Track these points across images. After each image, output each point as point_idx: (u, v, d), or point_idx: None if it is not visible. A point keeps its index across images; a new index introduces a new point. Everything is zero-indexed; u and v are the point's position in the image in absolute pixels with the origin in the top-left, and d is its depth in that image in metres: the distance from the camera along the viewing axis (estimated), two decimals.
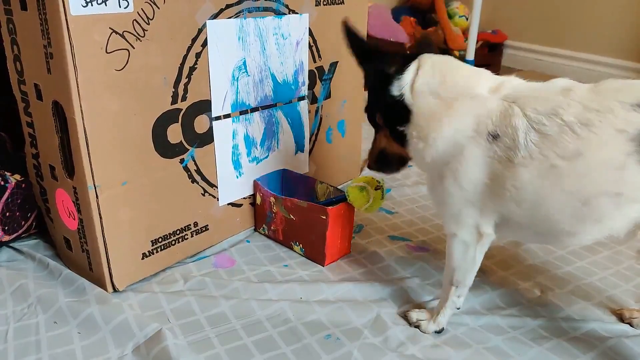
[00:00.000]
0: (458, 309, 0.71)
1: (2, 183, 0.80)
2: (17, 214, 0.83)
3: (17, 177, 0.82)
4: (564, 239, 0.61)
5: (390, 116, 0.66)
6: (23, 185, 0.82)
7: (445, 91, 0.61)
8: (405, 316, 0.72)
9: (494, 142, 0.58)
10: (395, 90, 0.63)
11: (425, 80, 0.62)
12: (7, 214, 0.81)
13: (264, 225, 0.93)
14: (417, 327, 0.70)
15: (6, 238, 0.83)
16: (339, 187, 0.91)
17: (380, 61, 0.64)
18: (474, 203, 0.61)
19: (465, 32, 2.20)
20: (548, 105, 0.56)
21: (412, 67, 0.63)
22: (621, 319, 0.74)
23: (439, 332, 0.69)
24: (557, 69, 2.23)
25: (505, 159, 0.57)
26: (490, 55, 2.40)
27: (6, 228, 0.82)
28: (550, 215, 0.58)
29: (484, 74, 0.63)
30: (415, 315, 0.71)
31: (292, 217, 0.86)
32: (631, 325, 0.72)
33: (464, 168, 0.60)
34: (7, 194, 0.80)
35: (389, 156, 0.70)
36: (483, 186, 0.59)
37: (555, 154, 0.55)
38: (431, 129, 0.61)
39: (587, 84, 0.58)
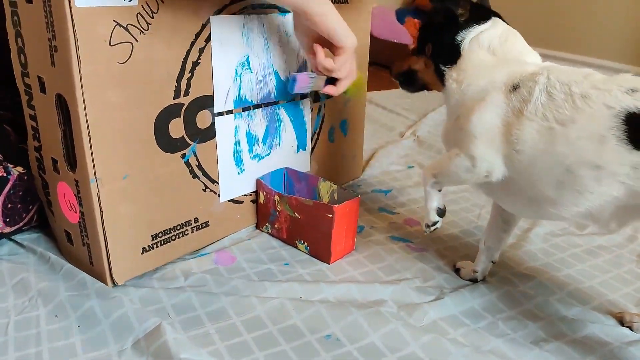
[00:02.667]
0: (440, 190, 0.75)
1: (5, 175, 0.80)
2: (19, 206, 0.83)
3: (20, 169, 0.82)
4: (547, 207, 0.65)
5: (441, 54, 0.73)
6: (25, 178, 0.82)
7: (502, 52, 0.69)
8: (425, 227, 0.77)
9: (513, 91, 0.64)
10: (459, 36, 0.70)
11: (492, 37, 0.69)
12: (9, 205, 0.81)
13: (267, 224, 0.93)
14: (427, 225, 0.76)
15: (7, 230, 0.83)
16: (343, 186, 0.91)
17: (454, 3, 0.71)
18: (484, 138, 0.66)
19: None
20: (567, 77, 0.62)
21: (487, 24, 0.71)
22: (621, 322, 0.73)
23: (441, 214, 0.75)
24: None
25: (517, 110, 0.63)
26: None
27: (7, 220, 0.82)
28: (540, 175, 0.63)
29: (535, 54, 0.71)
30: (423, 226, 0.78)
31: (297, 215, 0.86)
32: (631, 329, 0.72)
33: (479, 108, 0.66)
34: (9, 185, 0.80)
35: (417, 79, 0.79)
36: (494, 128, 0.65)
37: (554, 118, 0.60)
38: (471, 77, 0.69)
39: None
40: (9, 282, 0.75)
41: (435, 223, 0.75)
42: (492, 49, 0.69)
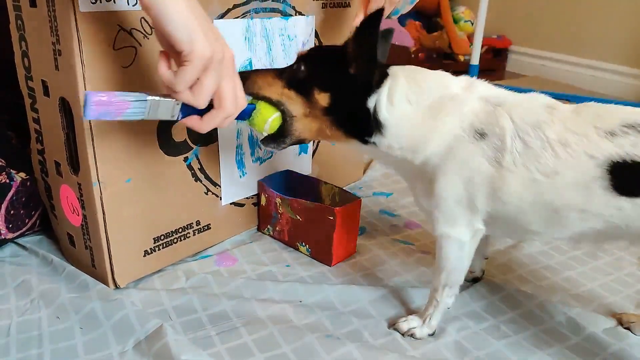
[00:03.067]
0: (448, 308, 0.72)
1: (8, 181, 0.80)
2: (22, 212, 0.83)
3: (22, 175, 0.82)
4: (531, 236, 0.65)
5: (354, 123, 0.64)
6: (28, 184, 0.83)
7: (425, 98, 0.62)
8: (395, 328, 0.70)
9: (481, 140, 0.59)
10: (370, 103, 0.62)
11: (403, 92, 0.62)
12: (12, 212, 0.81)
13: (268, 226, 0.93)
14: (411, 335, 0.69)
15: (10, 236, 0.83)
16: (344, 188, 0.92)
17: (371, 69, 0.62)
18: (467, 200, 0.62)
19: (470, 37, 2.20)
20: (534, 117, 0.58)
21: (388, 82, 0.62)
22: (621, 323, 0.74)
23: (432, 334, 0.70)
24: (560, 75, 2.23)
25: (494, 160, 0.59)
26: (494, 61, 2.41)
27: (10, 226, 0.82)
28: (528, 218, 0.61)
29: (448, 75, 0.64)
30: (405, 325, 0.70)
31: (298, 217, 0.87)
32: (630, 331, 0.72)
33: (454, 167, 0.61)
34: (12, 192, 0.81)
35: (291, 130, 0.66)
36: (475, 184, 0.60)
37: (537, 169, 0.57)
38: (418, 138, 0.62)
39: (570, 105, 0.61)
40: (11, 284, 0.75)
41: (434, 332, 0.69)
42: (413, 101, 0.61)
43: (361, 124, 0.64)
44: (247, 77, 0.66)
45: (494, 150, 0.58)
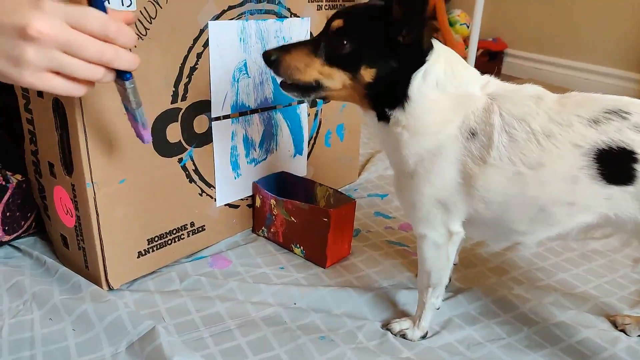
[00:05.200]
0: (437, 309, 0.72)
1: (4, 183, 0.80)
2: (17, 214, 0.83)
3: (18, 177, 0.82)
4: (518, 237, 0.64)
5: (388, 93, 0.59)
6: (24, 186, 0.82)
7: (453, 87, 0.59)
8: (388, 329, 0.71)
9: (471, 139, 0.58)
10: (415, 76, 0.58)
11: (438, 72, 0.58)
12: (8, 214, 0.81)
13: (263, 228, 0.93)
14: (403, 336, 0.69)
15: (6, 238, 0.83)
16: (339, 190, 0.92)
17: (424, 37, 0.57)
18: (444, 203, 0.61)
19: (466, 40, 2.21)
20: (520, 109, 0.58)
21: (433, 56, 0.58)
22: (615, 325, 0.74)
23: (424, 336, 0.70)
24: (556, 78, 2.24)
25: (479, 158, 0.58)
26: (490, 64, 2.42)
27: (6, 228, 0.82)
28: (512, 217, 0.61)
29: (477, 74, 0.63)
30: (397, 325, 0.70)
31: (293, 219, 0.86)
32: (624, 332, 0.72)
33: (439, 166, 0.60)
34: (8, 194, 0.80)
35: (322, 94, 0.61)
36: (455, 185, 0.60)
37: (521, 162, 0.57)
38: (426, 122, 0.59)
39: (556, 94, 0.60)
40: (3, 285, 0.75)
41: (426, 334, 0.70)
42: (441, 87, 0.58)
43: (392, 96, 0.59)
44: (279, 60, 0.60)
45: (480, 149, 0.58)
